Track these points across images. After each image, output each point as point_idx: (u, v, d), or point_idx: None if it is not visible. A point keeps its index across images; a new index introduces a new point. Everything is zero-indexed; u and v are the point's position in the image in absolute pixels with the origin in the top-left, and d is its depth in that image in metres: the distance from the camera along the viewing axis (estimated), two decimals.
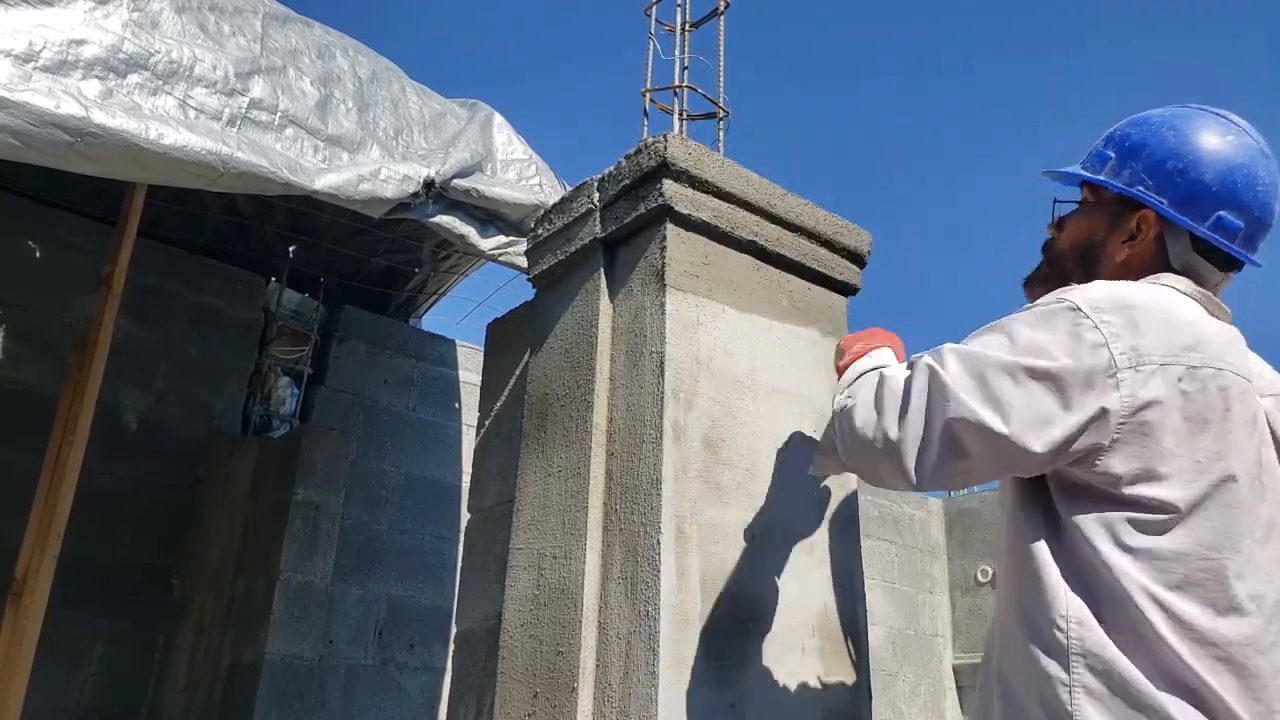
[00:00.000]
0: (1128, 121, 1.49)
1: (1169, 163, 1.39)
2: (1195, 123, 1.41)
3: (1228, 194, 1.35)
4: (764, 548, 1.75)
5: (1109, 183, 1.44)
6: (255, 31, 2.95)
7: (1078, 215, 1.52)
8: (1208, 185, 1.36)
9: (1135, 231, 1.41)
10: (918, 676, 7.88)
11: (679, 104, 4.95)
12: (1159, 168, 1.39)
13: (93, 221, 4.60)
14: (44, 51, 2.37)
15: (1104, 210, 1.46)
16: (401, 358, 5.49)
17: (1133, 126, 1.47)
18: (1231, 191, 1.35)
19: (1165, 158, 1.39)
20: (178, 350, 4.90)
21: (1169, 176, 1.38)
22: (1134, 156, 1.42)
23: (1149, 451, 1.16)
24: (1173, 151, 1.39)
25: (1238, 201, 1.35)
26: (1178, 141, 1.39)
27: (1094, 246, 1.46)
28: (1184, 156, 1.38)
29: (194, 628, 4.54)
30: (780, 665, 1.69)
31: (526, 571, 1.88)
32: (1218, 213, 1.35)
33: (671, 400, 1.70)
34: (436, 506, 5.33)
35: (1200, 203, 1.36)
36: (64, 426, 3.28)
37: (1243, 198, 1.35)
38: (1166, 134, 1.41)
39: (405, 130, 3.31)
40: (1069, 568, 1.17)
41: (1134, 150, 1.43)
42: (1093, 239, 1.47)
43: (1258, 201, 1.36)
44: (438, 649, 5.06)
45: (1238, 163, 1.36)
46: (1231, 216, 1.35)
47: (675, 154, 1.82)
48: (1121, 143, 1.46)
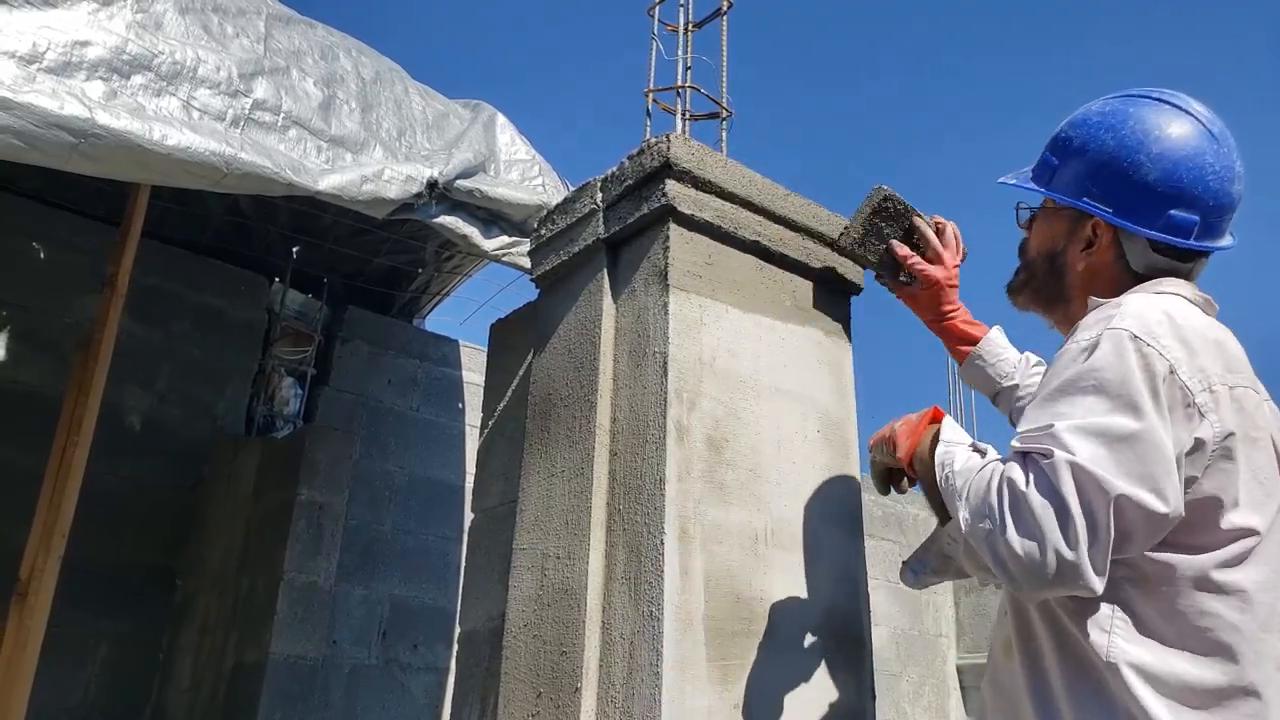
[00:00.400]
0: (1068, 121, 1.45)
1: (1110, 168, 1.35)
2: (1134, 119, 1.35)
3: (1175, 191, 1.31)
4: (767, 548, 1.75)
5: (1056, 195, 1.41)
6: (259, 32, 2.95)
7: (1041, 220, 1.50)
8: (1152, 186, 1.32)
9: (1091, 238, 1.39)
10: (921, 677, 7.87)
11: (682, 104, 4.96)
12: (1100, 174, 1.35)
13: (94, 222, 4.61)
14: (48, 53, 2.37)
15: (1062, 216, 1.43)
16: (405, 358, 5.49)
17: (1073, 128, 1.42)
18: (1178, 188, 1.31)
19: (1105, 162, 1.35)
20: (181, 351, 4.90)
21: (1112, 183, 1.34)
22: (1075, 162, 1.39)
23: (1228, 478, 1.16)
24: (1113, 155, 1.35)
25: (1187, 196, 1.31)
26: (1117, 144, 1.35)
27: (1057, 254, 1.44)
28: (1124, 159, 1.33)
29: (197, 628, 4.54)
30: (784, 665, 1.69)
31: (530, 572, 1.88)
32: (1168, 212, 1.32)
33: (675, 400, 1.70)
34: (440, 507, 5.33)
35: (1147, 205, 1.32)
36: (68, 427, 3.28)
37: (1192, 191, 1.31)
38: (1105, 136, 1.36)
39: (408, 131, 3.31)
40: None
41: (1074, 156, 1.39)
42: (1055, 247, 1.45)
43: (1209, 191, 1.31)
44: (441, 649, 5.07)
45: (1181, 156, 1.31)
46: (1182, 213, 1.31)
47: (678, 154, 1.82)
48: (1065, 147, 1.42)
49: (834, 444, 1.94)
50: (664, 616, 1.56)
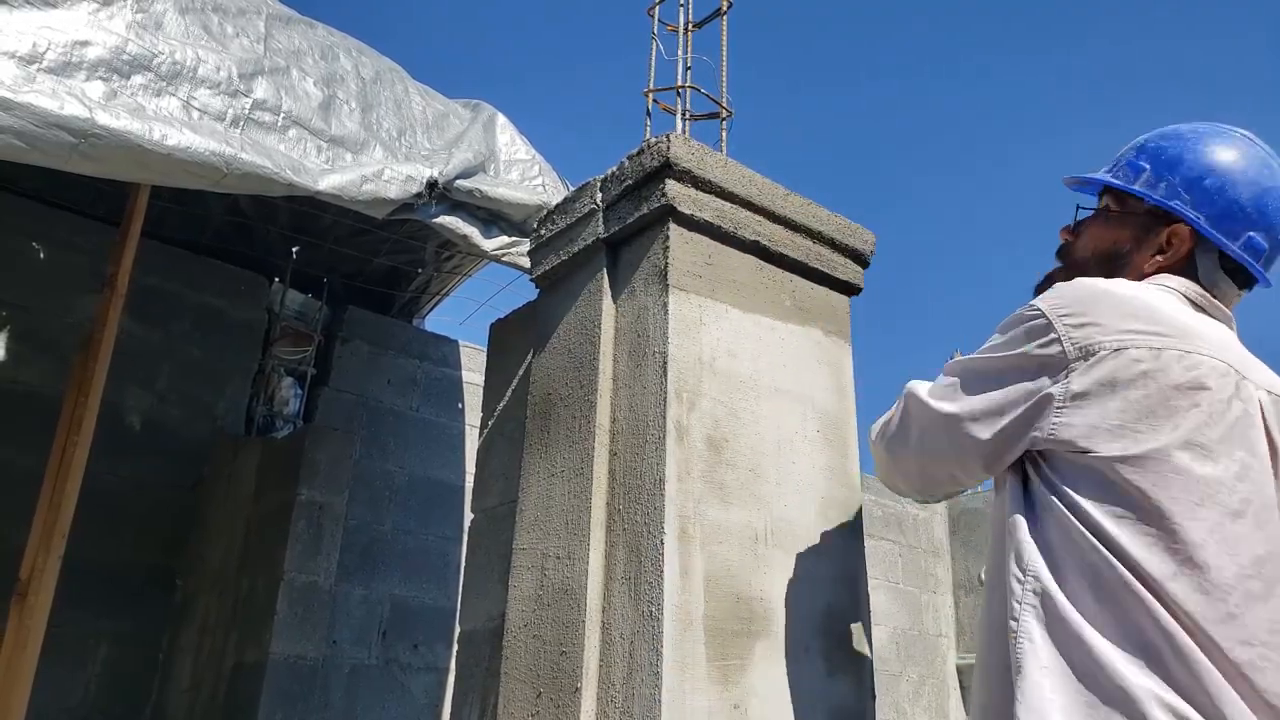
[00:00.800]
0: (1158, 134, 1.49)
1: (1207, 179, 1.39)
2: (1228, 142, 1.41)
3: (1259, 215, 1.37)
4: (767, 548, 1.75)
5: (1146, 194, 1.43)
6: (259, 32, 2.96)
7: (1099, 223, 1.51)
8: (1243, 205, 1.37)
9: (1165, 245, 1.41)
10: (921, 676, 7.87)
11: (682, 104, 4.96)
12: (1196, 183, 1.39)
13: (94, 222, 4.61)
14: (48, 53, 2.37)
15: (1131, 221, 1.45)
16: (405, 358, 5.50)
17: (1167, 140, 1.46)
18: (1263, 213, 1.37)
19: (1203, 174, 1.39)
20: (181, 351, 4.90)
21: (1206, 193, 1.38)
22: (1171, 170, 1.42)
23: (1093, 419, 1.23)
24: (1210, 169, 1.39)
25: (1268, 223, 1.37)
26: (1214, 159, 1.40)
27: (1119, 256, 1.46)
28: (1221, 174, 1.38)
29: (197, 628, 4.54)
30: (783, 665, 1.69)
31: (530, 572, 1.88)
32: (1248, 233, 1.37)
33: (674, 400, 1.70)
34: (440, 507, 5.34)
35: (1235, 221, 1.37)
36: (68, 427, 3.28)
37: (1272, 219, 1.37)
38: (1202, 151, 1.41)
39: (408, 131, 3.32)
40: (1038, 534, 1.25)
41: (1171, 164, 1.42)
42: (1117, 249, 1.46)
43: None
44: (441, 649, 5.07)
45: (1270, 185, 1.38)
46: (1260, 237, 1.37)
47: (678, 154, 1.82)
48: (1157, 155, 1.45)
49: (834, 444, 1.94)
50: (664, 616, 1.56)
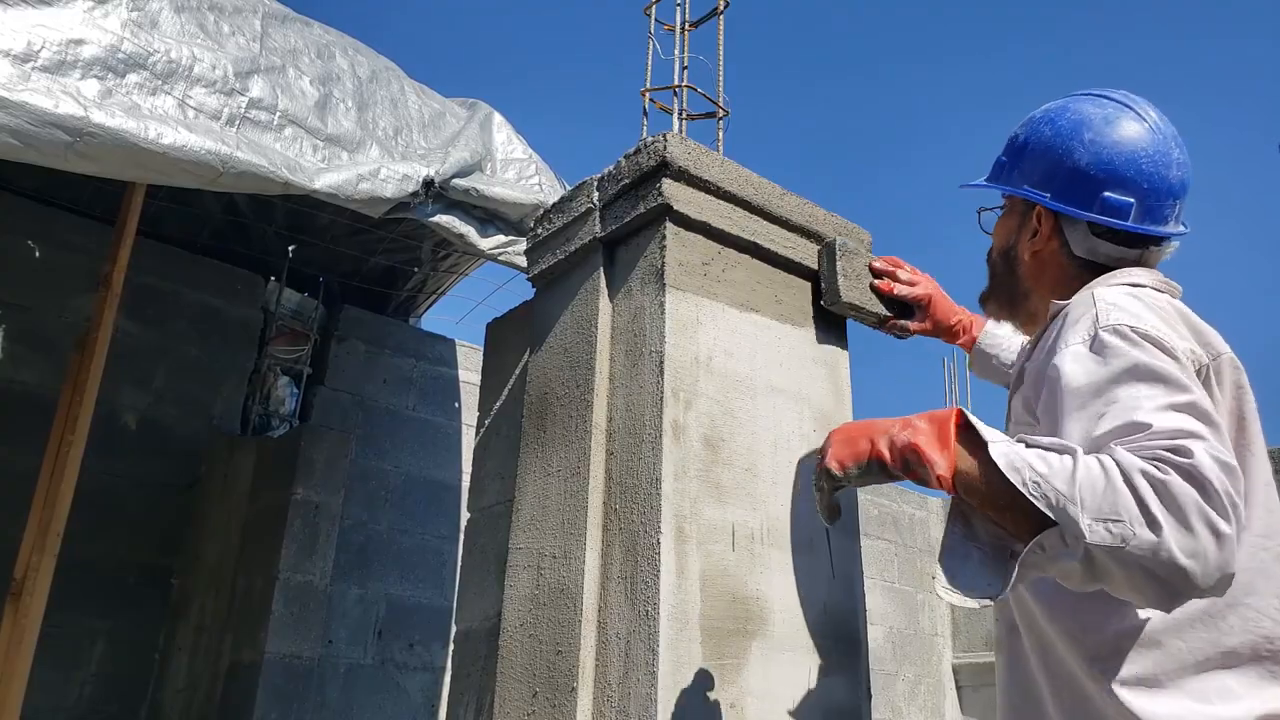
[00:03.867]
0: (1020, 124, 1.52)
1: (1046, 156, 1.42)
2: (1071, 111, 1.43)
3: (1106, 173, 1.36)
4: (764, 547, 1.75)
5: (1001, 187, 1.49)
6: (254, 31, 2.95)
7: (999, 221, 1.56)
8: (1084, 170, 1.38)
9: (1035, 226, 1.45)
10: (917, 676, 7.88)
11: (678, 103, 4.96)
12: (1039, 163, 1.43)
13: (91, 221, 4.60)
14: (43, 51, 2.37)
15: (1014, 212, 1.51)
16: (401, 357, 5.49)
17: (1020, 127, 1.50)
18: (1110, 170, 1.36)
19: (1043, 152, 1.43)
20: (177, 350, 4.89)
21: (1049, 170, 1.42)
22: (1020, 156, 1.47)
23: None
24: (1048, 144, 1.42)
25: (1120, 178, 1.36)
26: (1053, 133, 1.42)
27: (1011, 250, 1.51)
28: (1058, 147, 1.41)
29: (193, 627, 4.54)
30: (780, 665, 1.69)
31: (526, 571, 1.88)
32: (1101, 194, 1.36)
33: (671, 400, 1.70)
34: (436, 506, 5.33)
35: (1081, 188, 1.38)
36: (64, 426, 3.28)
37: (1124, 173, 1.36)
38: (1043, 129, 1.44)
39: (404, 130, 3.31)
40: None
41: (1020, 150, 1.47)
42: (1009, 242, 1.51)
43: (1142, 173, 1.36)
44: (437, 648, 5.06)
45: (1113, 140, 1.37)
46: (1116, 195, 1.36)
47: (675, 153, 1.82)
48: (1012, 144, 1.50)
49: None
50: (660, 616, 1.56)
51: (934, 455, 1.11)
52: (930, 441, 1.12)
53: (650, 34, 5.12)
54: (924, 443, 1.12)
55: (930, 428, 1.14)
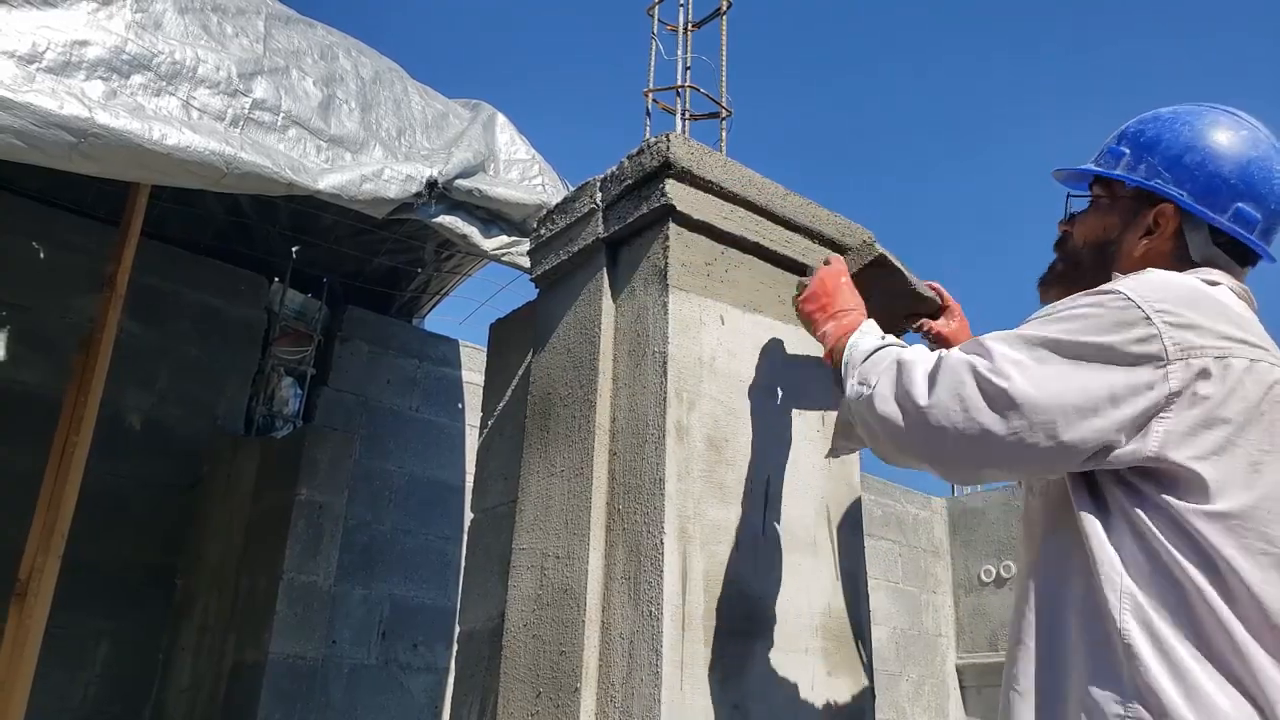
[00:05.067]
0: (1139, 119, 1.48)
1: (1186, 156, 1.38)
2: (1208, 118, 1.41)
3: (1245, 186, 1.35)
4: (767, 548, 1.75)
5: (1126, 177, 1.43)
6: (258, 32, 2.96)
7: (1091, 212, 1.51)
8: (1225, 177, 1.35)
9: (1153, 226, 1.40)
10: (921, 676, 7.87)
11: (681, 104, 4.96)
12: (1176, 161, 1.39)
13: (94, 221, 4.61)
14: (47, 52, 2.37)
15: (1119, 206, 1.45)
16: (404, 358, 5.49)
17: (1146, 123, 1.46)
18: (1249, 183, 1.35)
19: (1182, 151, 1.39)
20: (180, 350, 4.90)
21: (1187, 169, 1.38)
22: (1150, 151, 1.42)
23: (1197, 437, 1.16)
24: (1189, 145, 1.39)
25: (1255, 193, 1.35)
26: (1193, 135, 1.39)
27: (1109, 243, 1.45)
28: (1201, 149, 1.38)
29: (197, 628, 4.54)
30: (783, 665, 1.69)
31: (529, 571, 1.88)
32: (1236, 204, 1.35)
33: (674, 400, 1.70)
34: (439, 507, 5.34)
35: (1219, 194, 1.35)
36: (68, 426, 3.28)
37: (1260, 189, 1.35)
38: (1181, 128, 1.41)
39: (408, 130, 3.32)
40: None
41: (1150, 145, 1.42)
42: (1108, 235, 1.46)
43: (1274, 193, 1.36)
44: (441, 649, 5.07)
45: (1254, 155, 1.36)
46: (1250, 208, 1.35)
47: (677, 154, 1.82)
48: (1136, 138, 1.45)
49: None
50: (663, 616, 1.56)
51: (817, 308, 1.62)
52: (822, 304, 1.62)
53: (653, 34, 5.12)
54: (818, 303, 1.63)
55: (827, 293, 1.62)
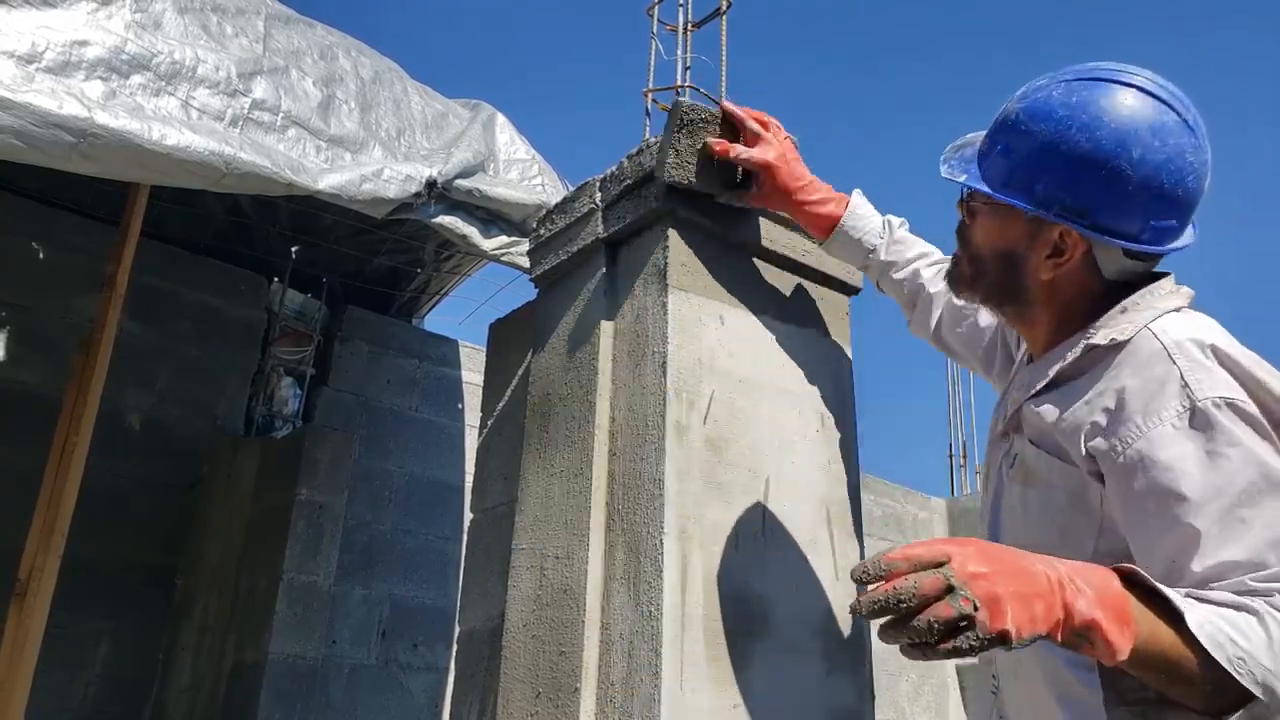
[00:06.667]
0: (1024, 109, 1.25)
1: (1086, 175, 1.19)
2: (1109, 115, 1.18)
3: (1155, 197, 1.18)
4: (767, 548, 1.75)
5: (1024, 206, 1.23)
6: (258, 32, 2.95)
7: (990, 214, 1.33)
8: (1133, 195, 1.18)
9: (1059, 244, 1.24)
10: (921, 676, 7.87)
11: None
12: (1075, 182, 1.19)
13: (94, 221, 4.61)
14: (47, 52, 2.37)
15: (1020, 215, 1.27)
16: (404, 358, 5.49)
17: (1033, 120, 1.23)
18: (1159, 193, 1.18)
19: (1080, 169, 1.19)
20: (180, 350, 4.90)
21: (1089, 192, 1.19)
22: (1043, 167, 1.22)
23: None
24: (1087, 160, 1.18)
25: (1166, 201, 1.19)
26: (1092, 145, 1.18)
27: (1015, 258, 1.29)
28: (1103, 164, 1.17)
29: (197, 628, 4.55)
30: (783, 665, 1.69)
31: (529, 572, 1.88)
32: (1149, 221, 1.19)
33: (674, 400, 1.70)
34: (439, 507, 5.34)
35: (1130, 215, 1.19)
36: (67, 426, 3.28)
37: (1172, 194, 1.18)
38: (1078, 138, 1.19)
39: (407, 130, 3.31)
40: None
41: (1042, 158, 1.22)
42: (1012, 249, 1.30)
43: (1188, 192, 1.19)
44: (440, 649, 5.07)
45: (1163, 159, 1.17)
46: (1162, 220, 1.19)
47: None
48: (1025, 143, 1.24)
49: (834, 444, 1.94)
50: (663, 616, 1.56)
51: (1116, 639, 0.97)
52: (1110, 621, 0.97)
53: (653, 34, 5.11)
54: (1105, 623, 0.97)
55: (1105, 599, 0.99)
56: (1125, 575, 1.03)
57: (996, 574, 0.93)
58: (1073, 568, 0.99)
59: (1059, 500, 1.24)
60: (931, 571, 0.92)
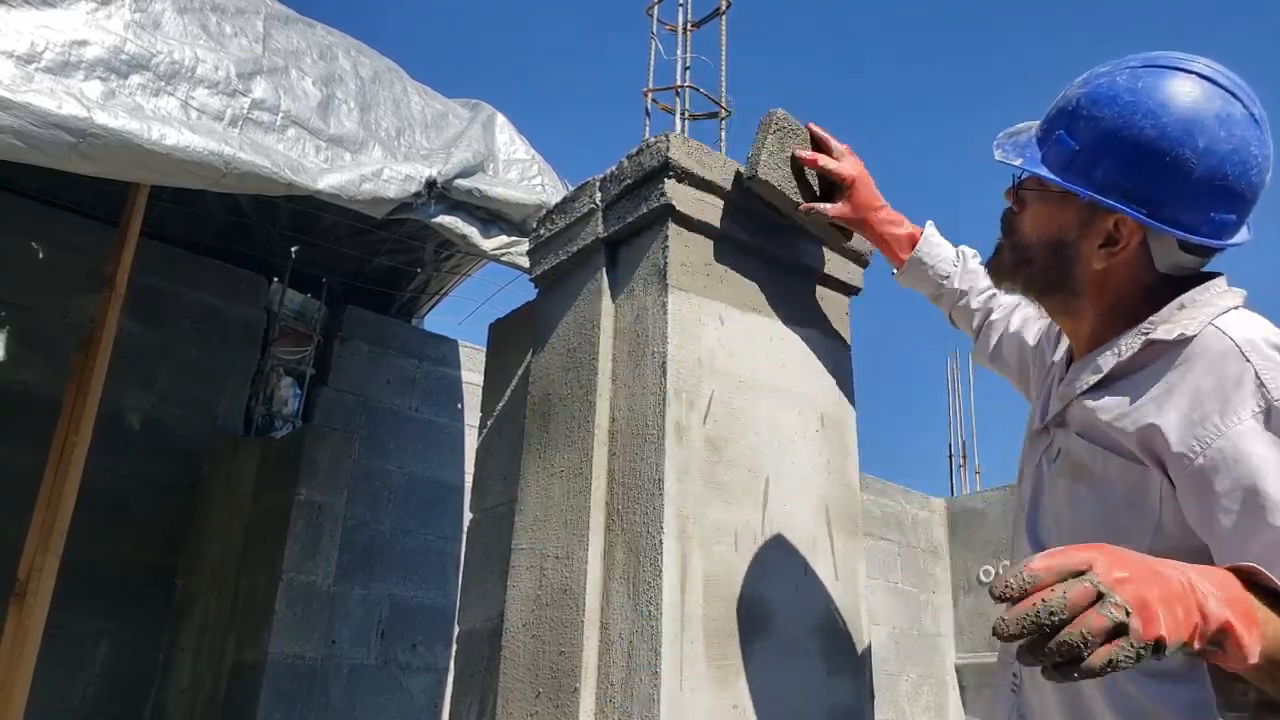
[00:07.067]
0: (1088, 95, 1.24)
1: (1149, 163, 1.17)
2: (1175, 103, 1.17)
3: (1219, 190, 1.16)
4: (766, 548, 1.75)
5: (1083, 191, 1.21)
6: (257, 32, 2.95)
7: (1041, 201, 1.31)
8: (1196, 186, 1.16)
9: (1114, 234, 1.22)
10: (920, 676, 7.87)
11: (681, 103, 4.96)
12: (1138, 169, 1.17)
13: (94, 221, 4.61)
14: (46, 52, 2.37)
15: (1073, 202, 1.25)
16: (404, 358, 5.49)
17: (1097, 106, 1.22)
18: (1223, 186, 1.16)
19: (1144, 156, 1.17)
20: (180, 350, 4.90)
21: (1151, 180, 1.17)
22: (1105, 153, 1.20)
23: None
24: (1152, 147, 1.16)
25: (1229, 194, 1.16)
26: (1158, 134, 1.16)
27: (1065, 246, 1.27)
28: (1166, 154, 1.16)
29: (197, 628, 4.55)
30: (782, 666, 1.69)
31: (529, 571, 1.88)
32: (1209, 213, 1.16)
33: (674, 400, 1.70)
34: (439, 507, 5.34)
35: (1191, 206, 1.17)
36: (67, 426, 3.28)
37: (1235, 188, 1.16)
38: (1143, 123, 1.17)
39: (407, 130, 3.31)
40: None
41: (1105, 144, 1.20)
42: (1063, 237, 1.27)
43: (1250, 186, 1.17)
44: (440, 649, 5.07)
45: (1229, 150, 1.15)
46: (1223, 213, 1.17)
47: (677, 154, 1.82)
48: (1089, 130, 1.22)
49: (833, 444, 1.94)
50: (662, 616, 1.56)
51: (1247, 640, 0.92)
52: (1241, 620, 0.92)
53: (652, 34, 5.12)
54: (1237, 622, 0.91)
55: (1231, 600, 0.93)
56: (1244, 574, 0.97)
57: (1138, 578, 0.87)
58: (1194, 570, 0.94)
59: (1114, 497, 1.19)
60: (1077, 580, 0.85)
